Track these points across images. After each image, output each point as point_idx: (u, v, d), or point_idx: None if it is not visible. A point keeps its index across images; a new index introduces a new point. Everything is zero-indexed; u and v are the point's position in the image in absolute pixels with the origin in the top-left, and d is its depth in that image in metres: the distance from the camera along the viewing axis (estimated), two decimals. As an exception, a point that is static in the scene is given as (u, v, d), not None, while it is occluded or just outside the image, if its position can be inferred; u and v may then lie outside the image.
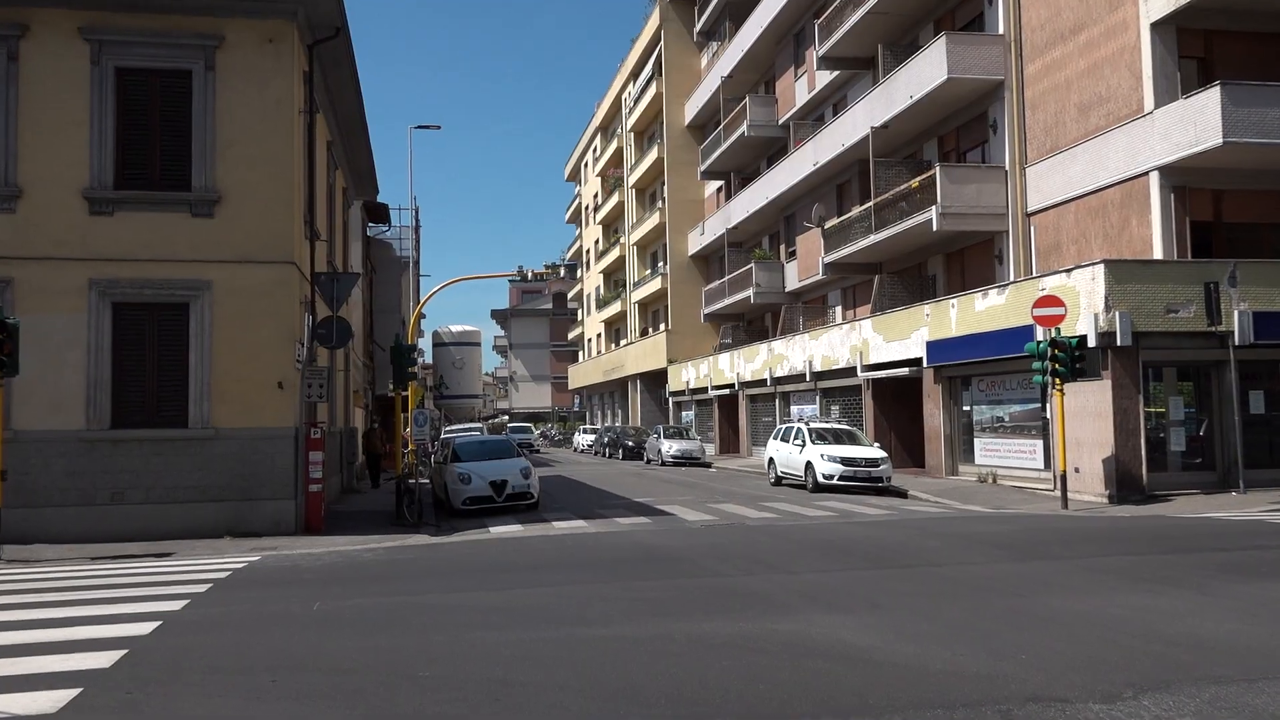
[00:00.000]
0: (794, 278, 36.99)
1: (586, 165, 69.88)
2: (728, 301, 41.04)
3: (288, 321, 16.39)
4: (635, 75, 55.44)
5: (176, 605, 9.84)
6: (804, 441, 23.98)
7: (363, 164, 25.25)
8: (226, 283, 16.24)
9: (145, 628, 8.80)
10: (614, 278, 62.50)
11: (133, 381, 16.04)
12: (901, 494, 21.91)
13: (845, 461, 22.64)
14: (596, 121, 64.57)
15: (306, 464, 16.55)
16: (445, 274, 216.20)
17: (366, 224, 34.51)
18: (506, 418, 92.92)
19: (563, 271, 38.17)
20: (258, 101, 16.42)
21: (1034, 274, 23.10)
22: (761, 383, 35.78)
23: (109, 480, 15.75)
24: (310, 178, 17.56)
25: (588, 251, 69.51)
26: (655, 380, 51.11)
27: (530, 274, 32.20)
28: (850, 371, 29.24)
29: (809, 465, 23.23)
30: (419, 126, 38.33)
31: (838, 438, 24.13)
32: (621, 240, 57.85)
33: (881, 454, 23.04)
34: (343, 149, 23.91)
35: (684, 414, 46.73)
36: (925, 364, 25.14)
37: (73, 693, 6.88)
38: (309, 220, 17.75)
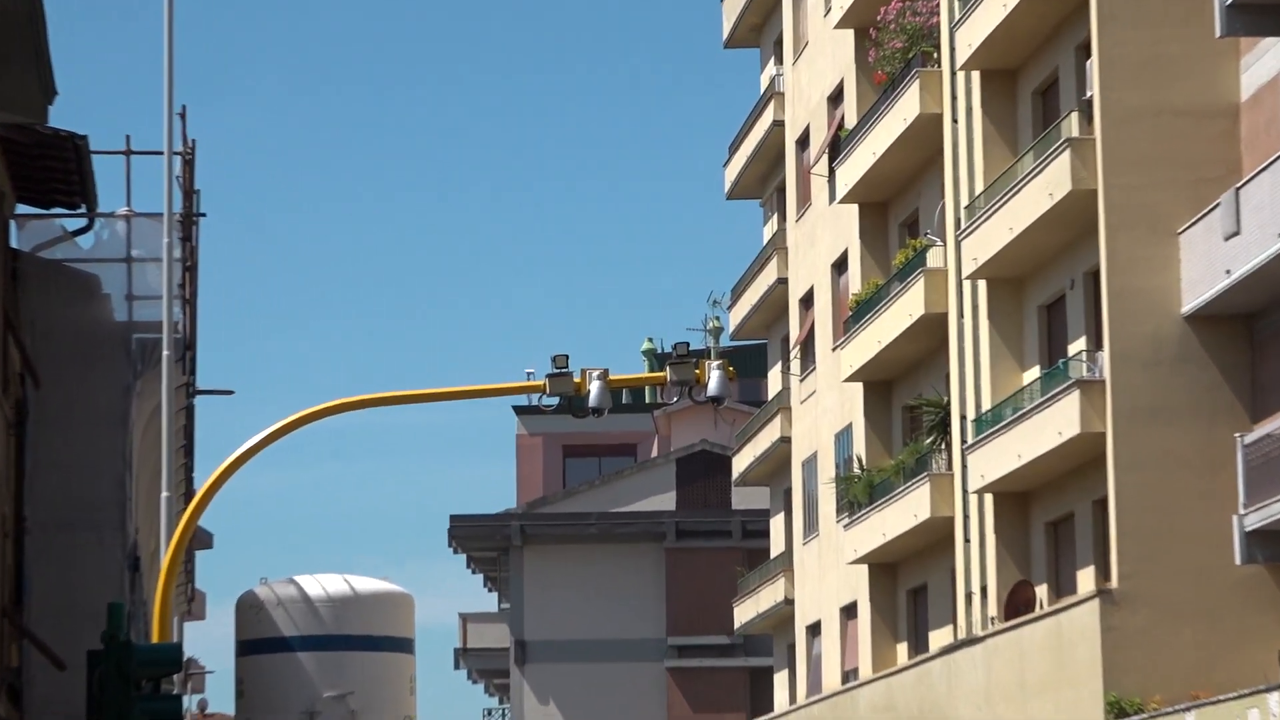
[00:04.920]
0: None
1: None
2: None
3: None
4: None
5: None
6: None
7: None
8: None
9: None
10: (899, 389, 56.59)
11: None
12: None
13: None
14: None
15: None
16: (292, 390, 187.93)
17: (12, 209, 36.30)
18: None
19: (711, 375, 26.14)
20: None
21: None
22: None
23: None
24: None
25: (803, 301, 61.91)
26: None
27: (594, 384, 17.09)
28: None
29: None
30: None
31: None
32: (939, 253, 51.07)
33: None
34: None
35: None
36: None
37: None
38: None
